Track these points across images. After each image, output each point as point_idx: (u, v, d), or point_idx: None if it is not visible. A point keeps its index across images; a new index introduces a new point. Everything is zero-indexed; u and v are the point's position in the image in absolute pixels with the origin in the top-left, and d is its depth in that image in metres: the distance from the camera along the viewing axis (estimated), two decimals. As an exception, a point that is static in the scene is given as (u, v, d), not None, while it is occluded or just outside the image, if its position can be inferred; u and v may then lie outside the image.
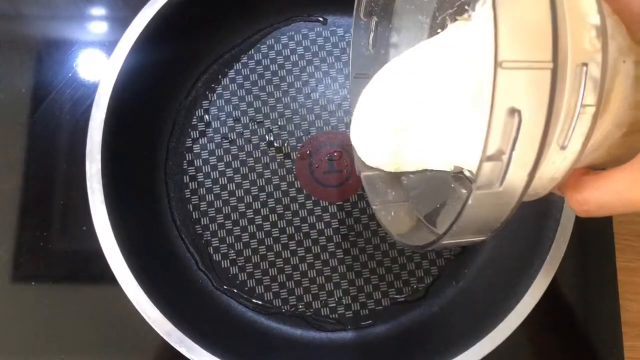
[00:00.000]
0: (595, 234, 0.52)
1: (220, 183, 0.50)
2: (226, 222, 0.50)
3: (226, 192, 0.50)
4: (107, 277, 0.42)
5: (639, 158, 0.24)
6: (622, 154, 0.26)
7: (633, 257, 0.52)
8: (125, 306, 0.41)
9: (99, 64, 0.55)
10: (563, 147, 0.22)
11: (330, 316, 0.49)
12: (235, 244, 0.49)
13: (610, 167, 0.25)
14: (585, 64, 0.21)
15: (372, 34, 0.38)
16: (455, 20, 0.33)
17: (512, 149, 0.19)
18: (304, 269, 0.49)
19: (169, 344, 0.41)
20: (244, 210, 0.50)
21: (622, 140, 0.26)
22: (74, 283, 0.51)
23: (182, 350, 0.41)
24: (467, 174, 0.32)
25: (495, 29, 0.19)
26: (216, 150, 0.51)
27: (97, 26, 0.57)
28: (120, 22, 0.56)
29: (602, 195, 0.25)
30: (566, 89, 0.21)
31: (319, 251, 0.49)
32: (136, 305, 0.41)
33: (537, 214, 0.45)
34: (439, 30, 0.35)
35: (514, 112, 0.19)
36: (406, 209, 0.35)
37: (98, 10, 0.57)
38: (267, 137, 0.51)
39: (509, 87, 0.19)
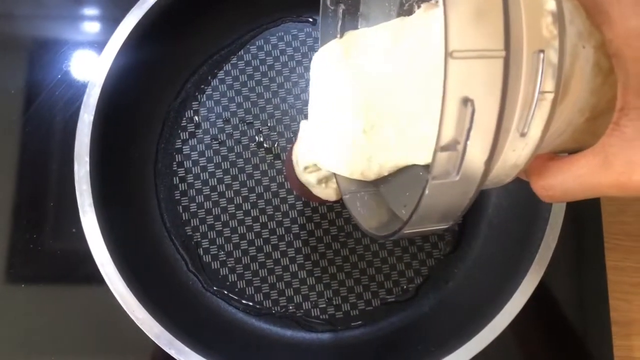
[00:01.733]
0: (585, 234, 0.52)
1: (210, 184, 0.50)
2: (216, 223, 0.50)
3: (216, 193, 0.50)
4: (97, 278, 0.42)
5: (601, 143, 0.23)
6: (587, 140, 0.26)
7: (622, 257, 0.52)
8: (115, 308, 0.41)
9: (89, 64, 0.55)
10: (523, 134, 0.22)
11: (321, 317, 0.49)
12: (225, 245, 0.49)
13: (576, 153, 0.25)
14: (542, 51, 0.21)
15: (339, 22, 0.37)
16: (421, 5, 0.32)
17: (467, 138, 0.19)
18: (294, 270, 0.49)
19: (159, 346, 0.41)
20: (234, 211, 0.50)
21: (585, 126, 0.26)
22: (65, 285, 0.51)
23: (172, 352, 0.40)
24: None
25: (445, 17, 0.18)
26: (206, 152, 0.51)
27: (88, 26, 0.57)
28: (111, 22, 0.56)
29: (565, 181, 0.25)
30: (522, 76, 0.21)
31: (309, 252, 0.49)
32: (125, 307, 0.41)
33: (525, 213, 0.45)
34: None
35: (467, 101, 0.19)
36: (377, 199, 0.35)
37: (88, 10, 0.57)
38: (256, 138, 0.51)
39: (461, 77, 0.19)
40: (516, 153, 0.23)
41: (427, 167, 0.31)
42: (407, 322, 0.48)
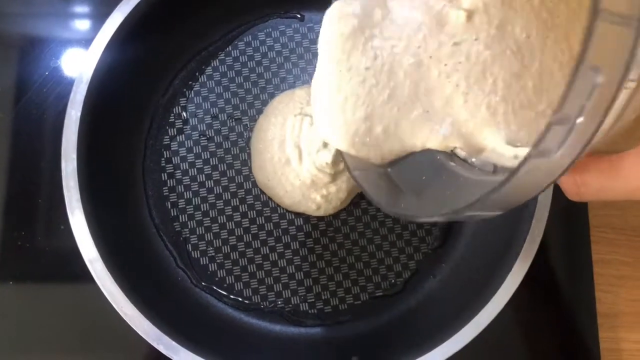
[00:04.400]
0: (571, 227, 0.53)
1: (198, 180, 0.50)
2: (204, 219, 0.50)
3: (204, 189, 0.50)
4: (86, 276, 0.42)
5: None
6: (620, 143, 0.25)
7: (608, 250, 0.53)
8: (104, 305, 0.41)
9: (77, 61, 0.55)
10: None
11: (309, 311, 0.49)
12: (214, 241, 0.50)
13: (609, 154, 0.24)
14: None
15: None
16: None
17: (581, 113, 0.17)
18: (282, 265, 0.49)
19: (150, 345, 0.41)
20: (222, 207, 0.50)
21: (633, 125, 0.24)
22: (53, 282, 0.51)
23: (160, 348, 0.41)
24: (462, 154, 0.30)
25: None
26: (194, 148, 0.51)
27: (76, 23, 0.57)
28: (99, 19, 0.56)
29: (606, 180, 0.24)
30: None
31: (298, 247, 0.50)
32: (113, 303, 0.41)
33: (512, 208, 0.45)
34: None
35: (596, 71, 0.17)
36: (385, 179, 0.33)
37: (76, 8, 0.57)
38: (245, 134, 0.51)
39: (601, 43, 0.17)
40: None
41: (446, 155, 0.31)
42: (395, 316, 0.49)
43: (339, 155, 0.47)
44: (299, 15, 0.54)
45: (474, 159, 0.30)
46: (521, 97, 0.28)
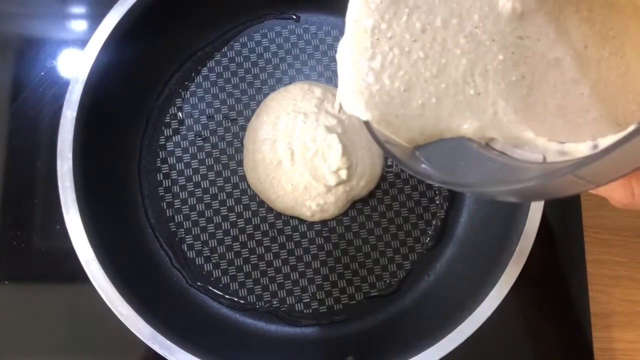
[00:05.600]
0: (565, 228, 0.53)
1: (194, 180, 0.51)
2: (200, 219, 0.50)
3: (200, 189, 0.50)
4: (82, 276, 0.42)
5: None
6: None
7: (602, 250, 0.53)
8: (100, 306, 0.41)
9: (73, 61, 0.55)
10: None
11: (305, 311, 0.49)
12: (210, 241, 0.50)
13: None
14: None
15: None
16: None
17: None
18: (278, 265, 0.49)
19: (147, 347, 0.41)
20: (218, 207, 0.50)
21: None
22: (49, 282, 0.51)
23: (156, 347, 0.41)
24: (499, 146, 0.29)
25: None
26: (190, 148, 0.51)
27: (71, 24, 0.57)
28: (95, 20, 0.56)
29: None
30: None
31: (293, 247, 0.50)
32: (108, 303, 0.41)
33: (506, 208, 0.46)
34: None
35: None
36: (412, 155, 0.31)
37: (72, 8, 0.57)
38: (240, 134, 0.51)
39: None
40: None
41: (475, 142, 0.29)
42: (390, 315, 0.49)
43: (345, 162, 0.47)
44: (294, 17, 0.54)
45: (512, 152, 0.29)
46: (576, 103, 0.28)
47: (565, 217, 0.53)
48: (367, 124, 0.30)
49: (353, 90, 0.30)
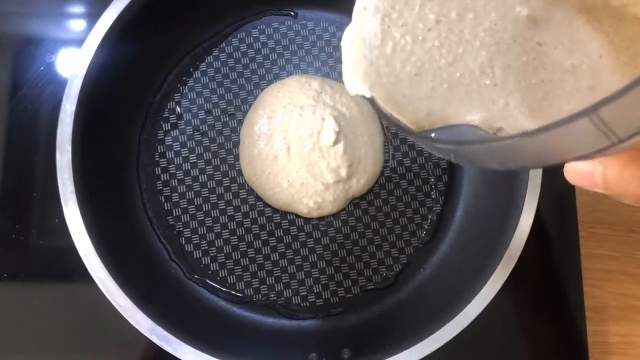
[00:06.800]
0: (559, 222, 0.53)
1: (192, 175, 0.51)
2: (198, 213, 0.50)
3: (198, 183, 0.51)
4: (81, 269, 0.42)
5: None
6: None
7: (596, 245, 0.53)
8: (99, 299, 0.42)
9: (71, 57, 0.55)
10: None
11: (302, 304, 0.49)
12: (207, 235, 0.50)
13: None
14: None
15: None
16: None
17: None
18: (275, 259, 0.50)
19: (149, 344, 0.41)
20: (216, 201, 0.51)
21: None
22: (48, 275, 0.51)
23: (153, 338, 0.41)
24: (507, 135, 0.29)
25: None
26: (188, 143, 0.52)
27: (70, 22, 0.57)
28: (93, 18, 0.56)
29: None
30: None
31: (290, 240, 0.50)
32: (107, 294, 0.42)
33: (501, 203, 0.46)
34: None
35: None
36: None
37: (70, 7, 0.57)
38: (238, 128, 0.52)
39: None
40: None
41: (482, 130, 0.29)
42: (386, 308, 0.49)
43: (346, 160, 0.48)
44: (292, 13, 0.55)
45: None
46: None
47: (560, 212, 0.53)
48: (372, 100, 0.30)
49: (359, 71, 0.30)
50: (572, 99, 0.29)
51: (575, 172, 0.27)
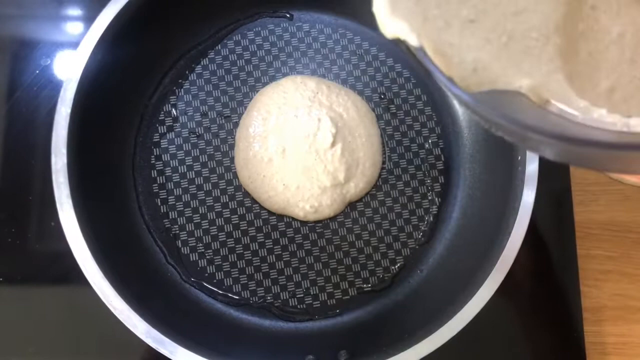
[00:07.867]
0: (556, 223, 0.53)
1: (188, 177, 0.51)
2: (194, 215, 0.50)
3: (194, 186, 0.51)
4: (77, 271, 0.42)
5: None
6: None
7: (593, 245, 0.53)
8: (95, 302, 0.41)
9: (67, 60, 0.55)
10: None
11: (298, 306, 0.49)
12: (204, 237, 0.50)
13: None
14: None
15: None
16: None
17: None
18: (271, 261, 0.50)
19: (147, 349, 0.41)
20: (212, 203, 0.51)
21: None
22: (44, 278, 0.51)
23: (149, 341, 0.41)
24: (555, 109, 0.26)
25: None
26: (184, 145, 0.52)
27: (66, 25, 0.57)
28: (89, 21, 0.55)
29: None
30: None
31: (286, 243, 0.50)
32: (103, 298, 0.42)
33: (497, 204, 0.46)
34: None
35: None
36: None
37: (67, 10, 0.57)
38: (234, 131, 0.52)
39: None
40: None
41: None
42: (383, 310, 0.49)
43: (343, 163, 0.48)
44: (288, 15, 0.55)
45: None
46: (626, 88, 0.26)
47: (556, 212, 0.53)
48: (413, 49, 0.26)
49: (400, 9, 0.25)
50: (613, 74, 0.26)
51: None
